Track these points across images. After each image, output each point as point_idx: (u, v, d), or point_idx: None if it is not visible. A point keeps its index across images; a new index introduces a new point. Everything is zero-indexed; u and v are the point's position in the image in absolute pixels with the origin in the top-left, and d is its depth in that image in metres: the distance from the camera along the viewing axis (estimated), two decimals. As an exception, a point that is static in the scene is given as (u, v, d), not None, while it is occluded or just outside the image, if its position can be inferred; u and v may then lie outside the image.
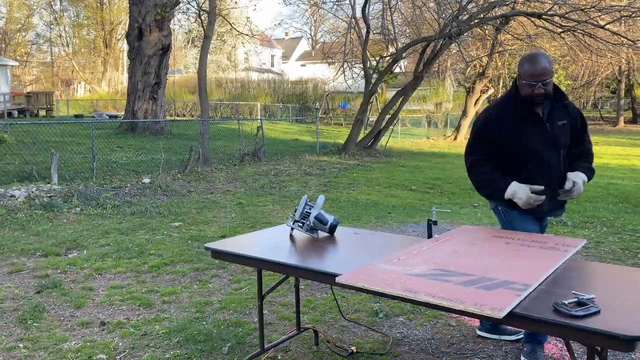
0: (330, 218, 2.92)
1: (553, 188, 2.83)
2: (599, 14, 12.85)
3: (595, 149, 3.08)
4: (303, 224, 2.91)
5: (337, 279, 2.12)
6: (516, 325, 1.88)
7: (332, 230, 2.93)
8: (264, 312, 3.44)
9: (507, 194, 2.80)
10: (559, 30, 13.58)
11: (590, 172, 2.91)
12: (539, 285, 2.02)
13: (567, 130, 2.88)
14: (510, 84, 3.52)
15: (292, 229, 2.96)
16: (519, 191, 2.76)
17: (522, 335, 3.14)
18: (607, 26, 13.09)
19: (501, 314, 1.74)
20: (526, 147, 2.82)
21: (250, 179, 10.18)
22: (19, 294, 4.02)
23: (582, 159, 2.95)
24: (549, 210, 2.89)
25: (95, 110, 30.58)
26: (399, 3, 17.22)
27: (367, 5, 15.81)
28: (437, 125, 26.92)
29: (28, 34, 44.28)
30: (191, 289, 4.17)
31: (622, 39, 13.66)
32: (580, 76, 30.02)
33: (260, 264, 2.65)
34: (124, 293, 4.06)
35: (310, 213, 2.90)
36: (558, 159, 2.86)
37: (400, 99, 16.06)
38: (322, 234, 2.94)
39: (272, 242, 2.86)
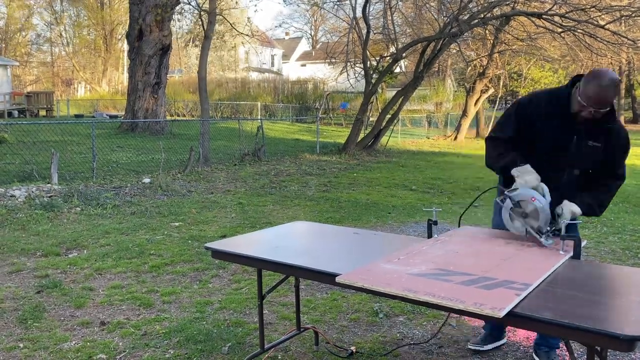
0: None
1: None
2: (599, 13, 12.85)
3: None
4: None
5: (337, 279, 2.12)
6: (516, 325, 1.88)
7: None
8: (264, 312, 3.44)
9: (514, 171, 2.58)
10: (559, 30, 13.58)
11: (589, 209, 2.60)
12: (539, 284, 2.02)
13: (597, 153, 2.61)
14: (518, 82, 3.44)
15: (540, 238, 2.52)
16: (527, 175, 2.53)
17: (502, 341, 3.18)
18: (607, 26, 13.08)
19: (501, 314, 1.74)
20: (538, 150, 2.66)
21: (250, 179, 10.18)
22: (19, 294, 4.02)
23: (596, 189, 2.65)
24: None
25: (95, 110, 30.58)
26: (400, 3, 17.25)
27: (368, 5, 15.81)
28: (438, 125, 26.90)
29: (28, 34, 44.31)
30: (191, 289, 4.17)
31: (622, 38, 13.65)
32: (581, 76, 29.98)
33: (260, 264, 2.65)
34: (124, 293, 4.06)
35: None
36: (568, 176, 2.66)
37: (401, 98, 16.05)
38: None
39: (273, 242, 2.85)
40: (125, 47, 31.27)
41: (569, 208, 2.56)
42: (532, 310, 1.79)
